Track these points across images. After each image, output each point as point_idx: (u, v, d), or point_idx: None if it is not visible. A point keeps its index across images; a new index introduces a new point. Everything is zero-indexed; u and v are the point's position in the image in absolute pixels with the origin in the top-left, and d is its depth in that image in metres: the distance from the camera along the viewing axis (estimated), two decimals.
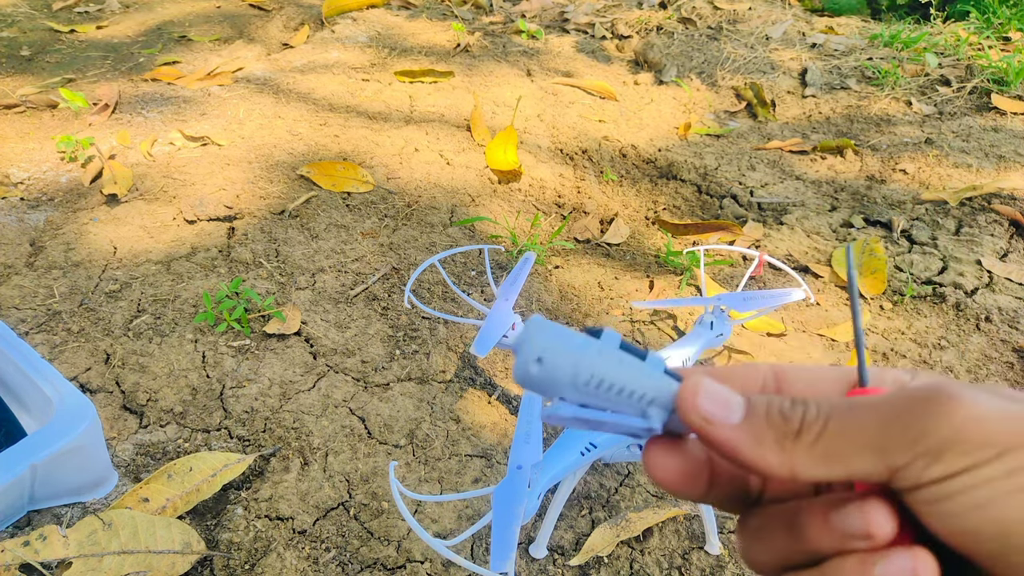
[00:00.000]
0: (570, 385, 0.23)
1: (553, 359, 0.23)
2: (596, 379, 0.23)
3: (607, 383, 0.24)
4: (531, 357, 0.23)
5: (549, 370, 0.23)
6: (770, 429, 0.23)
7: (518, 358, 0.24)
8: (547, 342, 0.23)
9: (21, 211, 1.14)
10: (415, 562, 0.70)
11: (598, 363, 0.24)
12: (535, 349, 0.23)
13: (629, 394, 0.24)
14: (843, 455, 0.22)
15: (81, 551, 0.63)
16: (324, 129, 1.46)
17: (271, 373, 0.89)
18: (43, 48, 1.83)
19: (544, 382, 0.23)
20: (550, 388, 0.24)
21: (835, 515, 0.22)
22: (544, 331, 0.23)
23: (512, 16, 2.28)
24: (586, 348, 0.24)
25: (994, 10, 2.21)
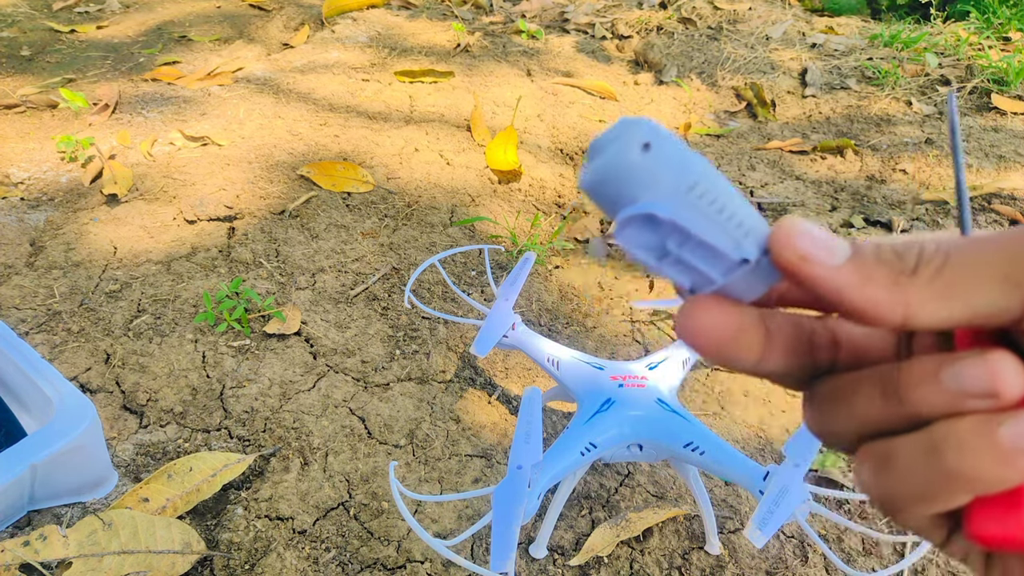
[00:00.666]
0: (671, 186, 0.19)
1: (664, 148, 0.19)
2: (701, 187, 0.20)
3: (711, 195, 0.20)
4: (636, 140, 0.19)
5: (655, 160, 0.19)
6: (881, 266, 0.20)
7: (614, 144, 0.19)
8: (656, 130, 0.19)
9: (21, 211, 1.14)
10: (415, 562, 0.70)
11: (706, 169, 0.20)
12: (643, 134, 0.19)
13: (729, 216, 0.20)
14: (968, 289, 0.19)
15: (81, 551, 0.63)
16: (324, 129, 1.46)
17: (271, 373, 0.89)
18: (43, 48, 1.83)
19: (641, 176, 0.19)
20: (642, 186, 0.19)
21: (949, 371, 0.19)
22: (650, 123, 0.19)
23: (512, 16, 2.28)
24: (696, 153, 0.20)
25: (994, 10, 2.21)
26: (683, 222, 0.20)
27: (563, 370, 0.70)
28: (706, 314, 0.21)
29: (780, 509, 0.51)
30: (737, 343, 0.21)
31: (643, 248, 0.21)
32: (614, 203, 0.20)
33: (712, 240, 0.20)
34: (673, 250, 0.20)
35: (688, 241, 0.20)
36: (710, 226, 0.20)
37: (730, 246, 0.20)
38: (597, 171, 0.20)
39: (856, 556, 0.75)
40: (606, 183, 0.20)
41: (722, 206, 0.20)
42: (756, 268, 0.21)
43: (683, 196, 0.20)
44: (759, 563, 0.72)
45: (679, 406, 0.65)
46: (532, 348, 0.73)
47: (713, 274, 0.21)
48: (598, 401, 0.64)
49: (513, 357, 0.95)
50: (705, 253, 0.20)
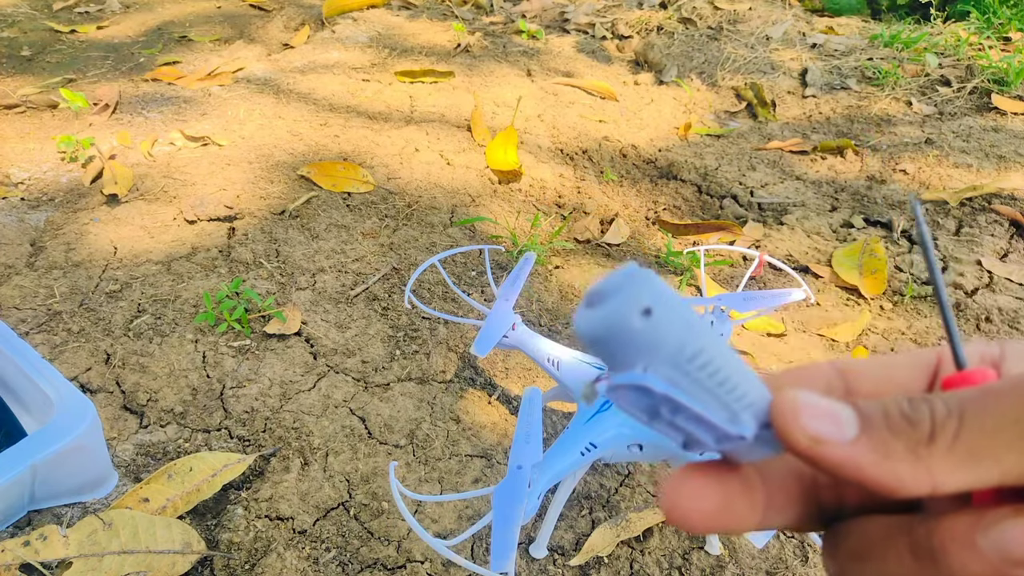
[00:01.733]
0: (670, 356, 0.18)
1: (666, 315, 0.18)
2: (703, 357, 0.19)
3: (712, 366, 0.19)
4: (637, 305, 0.18)
5: (656, 328, 0.18)
6: (896, 438, 0.19)
7: (614, 302, 0.18)
8: (660, 293, 0.18)
9: (21, 211, 1.14)
10: (415, 562, 0.70)
11: (707, 337, 0.19)
12: (644, 296, 0.18)
13: (730, 389, 0.19)
14: (993, 453, 0.18)
15: (81, 551, 0.63)
16: (324, 129, 1.46)
17: (271, 373, 0.89)
18: (43, 48, 1.83)
19: (640, 343, 0.18)
20: (640, 353, 0.18)
21: (988, 536, 0.18)
22: (653, 281, 0.18)
23: (512, 16, 2.28)
24: (698, 317, 0.19)
25: (994, 10, 2.21)
26: (678, 395, 0.19)
27: (563, 370, 0.70)
28: (687, 491, 0.20)
29: None
30: (728, 513, 0.21)
31: (635, 407, 0.20)
32: (609, 359, 0.19)
33: (708, 414, 0.19)
34: (665, 415, 0.20)
35: (683, 411, 0.20)
36: (708, 398, 0.19)
37: (726, 420, 0.20)
38: (594, 326, 0.19)
39: None
40: (602, 341, 0.19)
41: (724, 378, 0.19)
42: (755, 442, 0.20)
43: (682, 366, 0.19)
44: (759, 563, 0.72)
45: None
46: (532, 348, 0.73)
47: (707, 440, 0.20)
48: (598, 401, 0.64)
49: (513, 357, 0.95)
50: (701, 423, 0.20)
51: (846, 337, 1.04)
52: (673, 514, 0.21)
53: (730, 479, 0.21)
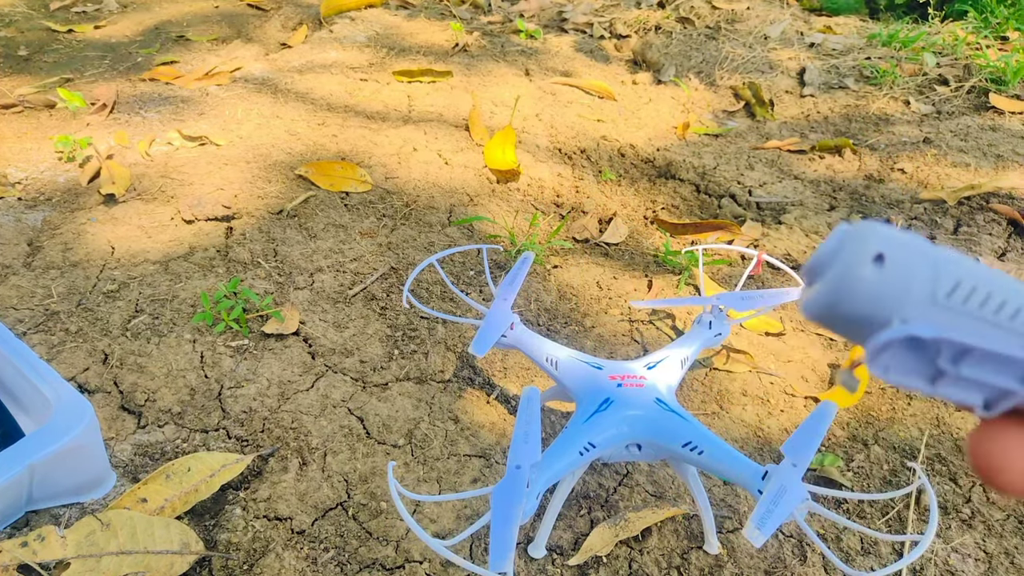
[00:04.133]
0: (925, 296, 0.16)
1: (902, 255, 0.16)
2: (965, 287, 0.16)
3: (980, 294, 0.16)
4: (865, 255, 0.16)
5: (896, 271, 0.16)
6: None
7: (838, 262, 0.16)
8: (886, 235, 0.16)
9: (19, 211, 1.13)
10: (414, 562, 0.70)
11: (962, 264, 0.16)
12: (870, 244, 0.16)
13: (1013, 311, 0.16)
14: None
15: (79, 552, 0.63)
16: (322, 129, 1.45)
17: (269, 373, 0.89)
18: (41, 48, 1.83)
19: (883, 293, 0.16)
20: (888, 304, 0.16)
21: None
22: (874, 227, 0.16)
23: (510, 16, 2.28)
24: (941, 249, 0.16)
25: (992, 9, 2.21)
26: (954, 335, 0.16)
27: (562, 370, 0.70)
28: (1017, 447, 0.17)
29: (779, 508, 0.51)
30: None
31: (909, 374, 0.17)
32: (856, 331, 0.17)
33: (997, 347, 0.16)
34: (948, 369, 0.17)
35: (966, 355, 0.16)
36: (989, 330, 0.16)
37: (1020, 347, 0.16)
38: (824, 297, 0.16)
39: (855, 555, 0.75)
40: (839, 308, 0.16)
41: (999, 302, 0.16)
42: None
43: (945, 304, 0.16)
44: (758, 563, 0.72)
45: (678, 405, 0.65)
46: (531, 348, 0.73)
47: (1010, 384, 0.17)
48: (597, 401, 0.64)
49: (512, 357, 0.95)
50: (992, 363, 0.17)
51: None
52: (992, 470, 0.17)
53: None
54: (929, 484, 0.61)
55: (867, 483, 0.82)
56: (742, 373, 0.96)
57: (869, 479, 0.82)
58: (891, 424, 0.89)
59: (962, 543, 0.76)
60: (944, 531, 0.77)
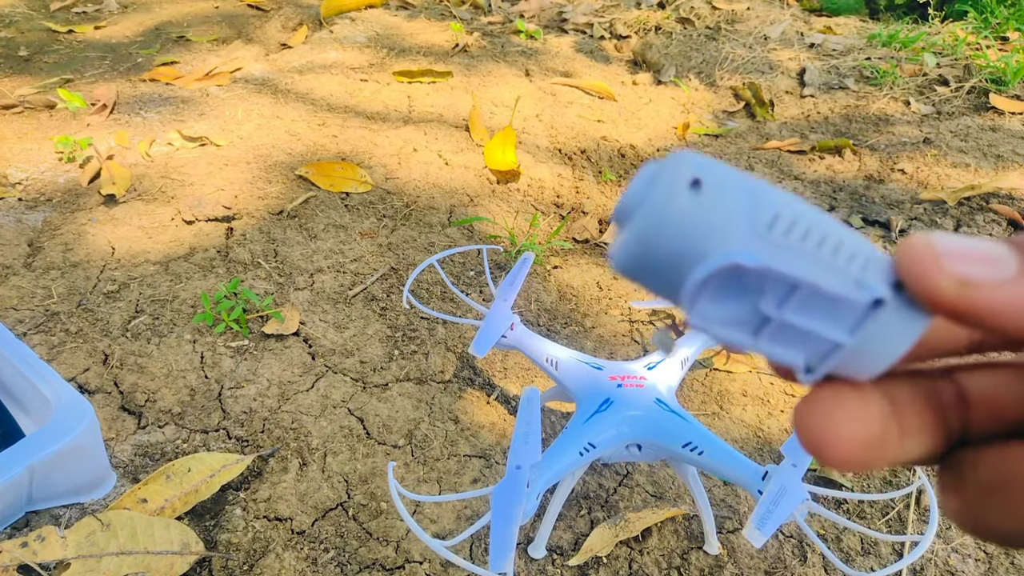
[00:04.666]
0: (745, 228, 0.14)
1: (720, 183, 0.15)
2: (785, 218, 0.15)
3: (801, 226, 0.15)
4: (680, 180, 0.14)
5: (714, 198, 0.14)
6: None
7: (649, 196, 0.14)
8: (703, 161, 0.15)
9: (19, 212, 1.14)
10: (414, 562, 0.70)
11: (782, 196, 0.15)
12: (685, 169, 0.15)
13: (835, 247, 0.15)
14: None
15: (79, 552, 0.63)
16: (322, 129, 1.46)
17: (269, 374, 0.89)
18: (41, 48, 1.83)
19: (701, 224, 0.14)
20: (705, 237, 0.14)
21: None
22: (691, 155, 0.15)
23: (510, 16, 2.28)
24: (754, 178, 0.15)
25: (992, 10, 2.21)
26: (780, 267, 0.15)
27: (562, 370, 0.70)
28: (842, 415, 0.16)
29: (779, 509, 0.51)
30: (883, 442, 0.16)
31: (730, 323, 0.15)
32: (671, 275, 0.15)
33: (824, 284, 0.15)
34: (772, 314, 0.15)
35: (791, 296, 0.15)
36: (813, 267, 0.15)
37: (850, 287, 0.15)
38: (635, 236, 0.14)
39: (855, 555, 0.75)
40: (652, 249, 0.14)
41: (821, 236, 0.15)
42: (892, 312, 0.15)
43: (766, 235, 0.15)
44: (758, 563, 0.72)
45: (678, 406, 0.65)
46: (531, 348, 0.73)
47: (836, 334, 0.15)
48: (597, 401, 0.64)
49: (512, 357, 0.95)
50: (818, 307, 0.15)
51: None
52: (817, 443, 0.16)
53: (877, 399, 0.17)
54: (929, 484, 0.61)
55: (867, 483, 0.82)
56: (742, 373, 0.96)
57: (869, 479, 0.83)
58: None
59: (962, 543, 0.76)
60: (944, 531, 0.77)
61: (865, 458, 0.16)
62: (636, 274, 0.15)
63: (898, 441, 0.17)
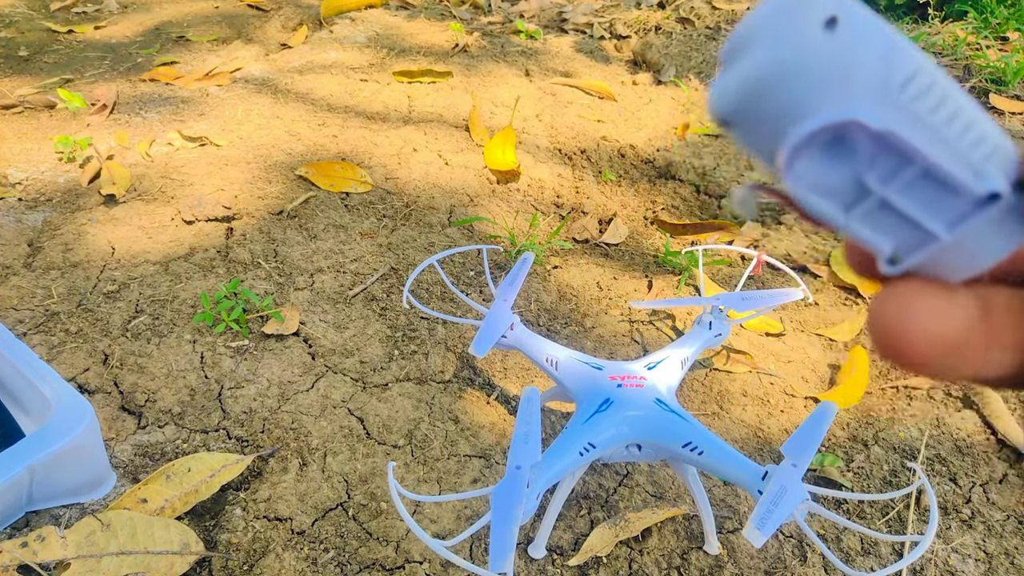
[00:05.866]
0: (875, 83, 0.13)
1: (858, 24, 0.13)
2: (919, 83, 0.13)
3: (935, 95, 0.13)
4: (817, 13, 0.12)
5: (848, 42, 0.13)
6: None
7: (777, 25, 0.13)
8: (844, 2, 0.13)
9: (19, 212, 1.14)
10: (414, 562, 0.70)
11: (921, 57, 0.13)
12: (826, 4, 0.13)
13: (963, 128, 0.13)
14: None
15: (79, 552, 0.63)
16: (322, 129, 1.46)
17: (269, 374, 0.89)
18: (41, 48, 1.83)
19: (828, 68, 0.12)
20: (829, 84, 0.13)
21: None
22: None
23: (510, 16, 2.28)
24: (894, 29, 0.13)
25: (992, 10, 2.21)
26: (904, 134, 0.13)
27: (562, 370, 0.70)
28: (924, 308, 0.14)
29: (779, 509, 0.51)
30: (967, 345, 0.15)
31: (825, 190, 0.14)
32: (776, 123, 0.13)
33: (944, 164, 0.13)
34: (876, 188, 0.13)
35: (903, 170, 0.13)
36: (937, 143, 0.13)
37: (968, 174, 0.13)
38: (749, 75, 0.13)
39: (855, 556, 0.75)
40: (765, 91, 0.13)
41: (953, 111, 0.13)
42: (1003, 212, 0.14)
43: (895, 97, 0.13)
44: (758, 563, 0.73)
45: (678, 406, 0.65)
46: (531, 348, 0.73)
47: (935, 225, 0.14)
48: (597, 401, 0.64)
49: (512, 357, 0.95)
50: (927, 189, 0.13)
51: (844, 336, 1.04)
52: (898, 342, 0.14)
53: (965, 300, 0.15)
54: (929, 484, 0.61)
55: (867, 483, 0.82)
56: (742, 373, 0.96)
57: (869, 479, 0.82)
58: (891, 424, 0.89)
59: (962, 543, 0.76)
60: (944, 531, 0.77)
61: (943, 362, 0.14)
62: (737, 118, 0.14)
63: (983, 351, 0.15)
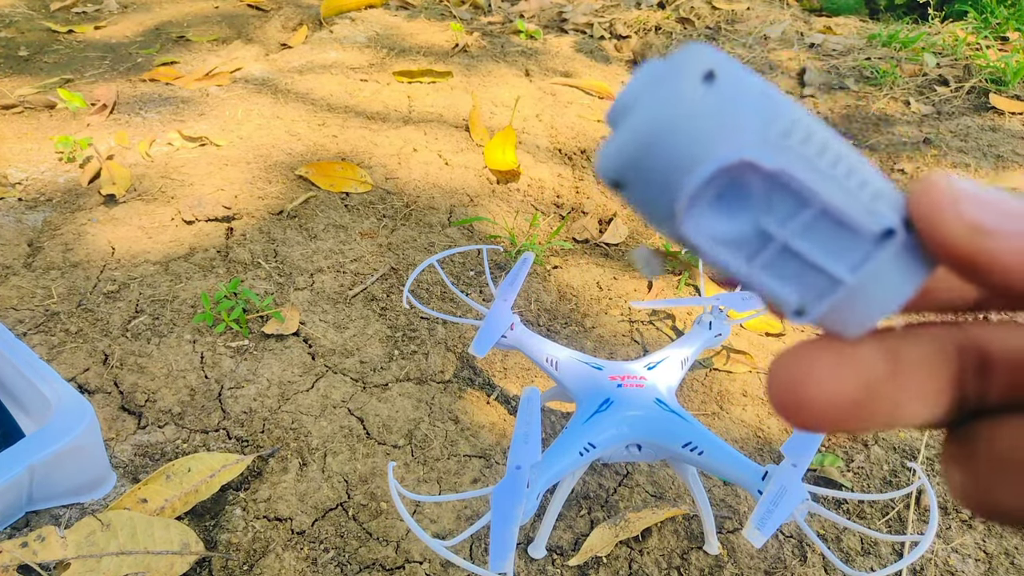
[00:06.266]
0: (756, 132, 0.13)
1: (734, 77, 0.13)
2: (800, 131, 0.13)
3: (816, 142, 0.13)
4: (695, 70, 0.13)
5: (728, 95, 0.13)
6: None
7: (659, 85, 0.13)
8: (719, 56, 0.13)
9: (19, 212, 1.14)
10: (414, 562, 0.70)
11: (798, 107, 0.14)
12: (701, 60, 0.13)
13: (848, 170, 0.14)
14: None
15: (79, 552, 0.63)
16: (322, 129, 1.46)
17: (269, 374, 0.89)
18: (41, 48, 1.83)
19: (710, 122, 0.13)
20: (712, 137, 0.13)
21: None
22: (706, 48, 0.14)
23: (510, 16, 2.28)
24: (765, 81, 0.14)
25: (992, 10, 2.21)
26: (796, 173, 0.13)
27: (562, 370, 0.70)
28: (819, 371, 0.14)
29: (779, 509, 0.51)
30: (870, 402, 0.14)
31: (727, 241, 0.14)
32: (667, 179, 0.13)
33: (838, 203, 0.13)
34: (776, 232, 0.14)
35: (800, 212, 0.13)
36: (827, 185, 0.13)
37: (862, 213, 0.13)
38: (634, 135, 0.13)
39: (855, 556, 0.75)
40: (650, 149, 0.13)
41: (836, 156, 0.13)
42: (898, 252, 0.14)
43: (779, 144, 0.13)
44: (758, 563, 0.73)
45: (678, 406, 0.65)
46: (531, 348, 0.73)
47: (838, 269, 0.14)
48: (597, 401, 0.64)
49: (512, 357, 0.95)
50: (825, 231, 0.14)
51: None
52: (795, 405, 0.14)
53: (869, 355, 0.15)
54: (929, 484, 0.61)
55: (867, 483, 0.82)
56: (742, 373, 0.96)
57: (869, 479, 0.83)
58: None
59: (962, 543, 0.76)
60: (944, 531, 0.77)
61: (843, 421, 0.14)
62: (628, 177, 0.14)
63: (892, 405, 0.15)
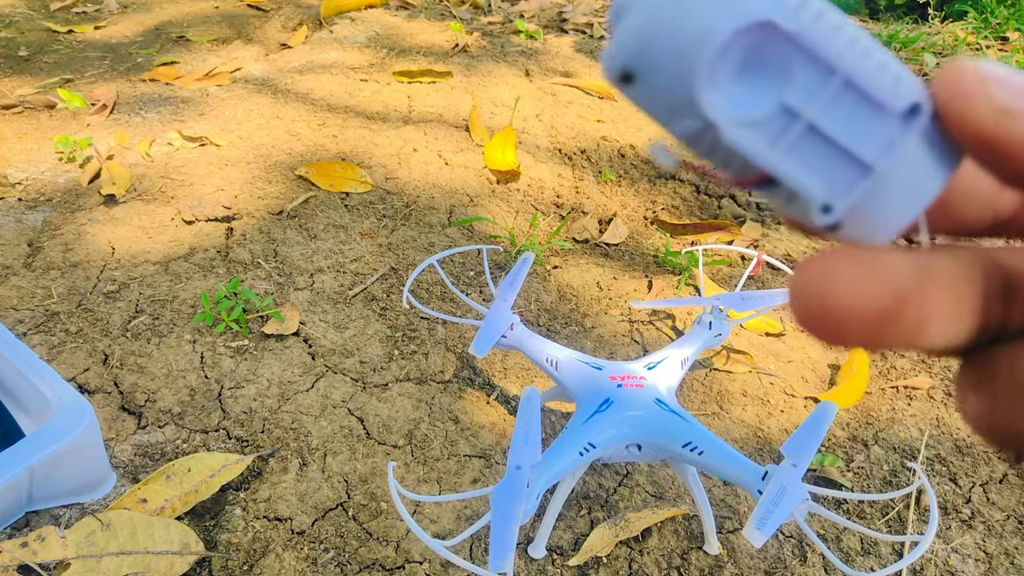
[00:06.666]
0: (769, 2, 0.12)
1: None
2: (814, 7, 0.13)
3: (831, 19, 0.13)
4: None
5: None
6: None
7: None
8: None
9: (19, 212, 1.14)
10: (414, 563, 0.70)
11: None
12: None
13: (864, 51, 0.13)
14: None
15: (79, 552, 0.63)
16: (322, 129, 1.46)
17: (269, 374, 0.89)
18: (41, 48, 1.83)
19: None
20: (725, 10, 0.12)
21: None
22: None
23: (510, 16, 2.28)
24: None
25: (992, 10, 2.21)
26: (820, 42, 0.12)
27: (562, 370, 0.70)
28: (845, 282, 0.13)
29: (779, 509, 0.51)
30: (896, 319, 0.13)
31: (749, 121, 0.13)
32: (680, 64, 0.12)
33: (861, 77, 0.13)
34: (799, 107, 0.13)
35: (825, 84, 0.13)
36: (848, 60, 0.13)
37: (886, 88, 0.13)
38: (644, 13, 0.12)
39: (855, 556, 0.75)
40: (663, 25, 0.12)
41: (852, 36, 0.13)
42: (925, 139, 0.13)
43: (793, 17, 0.12)
44: (758, 563, 0.73)
45: (678, 406, 0.65)
46: (531, 348, 0.73)
47: (865, 152, 0.13)
48: (597, 401, 0.64)
49: (512, 357, 0.95)
50: (850, 108, 0.13)
51: None
52: (819, 315, 0.14)
53: (899, 266, 0.14)
54: (929, 484, 0.61)
55: (867, 483, 0.82)
56: (742, 373, 0.96)
57: (869, 479, 0.83)
58: (891, 424, 0.89)
59: (962, 543, 0.76)
60: (944, 531, 0.77)
61: (866, 335, 0.14)
62: (636, 64, 0.13)
63: (918, 322, 0.14)
